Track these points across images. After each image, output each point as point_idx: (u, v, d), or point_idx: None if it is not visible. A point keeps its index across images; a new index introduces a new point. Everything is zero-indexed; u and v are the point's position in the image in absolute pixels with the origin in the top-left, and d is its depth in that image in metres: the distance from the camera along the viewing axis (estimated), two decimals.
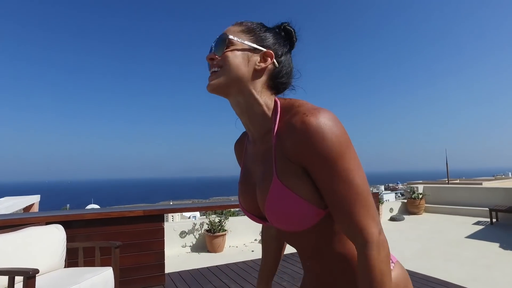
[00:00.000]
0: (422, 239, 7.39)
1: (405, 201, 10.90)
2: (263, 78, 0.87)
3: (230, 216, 8.30)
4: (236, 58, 0.84)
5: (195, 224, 7.31)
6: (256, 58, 0.86)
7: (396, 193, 17.65)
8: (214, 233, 6.85)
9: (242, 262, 4.39)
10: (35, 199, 5.65)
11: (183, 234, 7.15)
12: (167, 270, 3.79)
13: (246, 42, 0.85)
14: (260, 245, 7.20)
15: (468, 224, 8.89)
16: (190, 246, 7.16)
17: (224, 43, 0.84)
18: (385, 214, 10.15)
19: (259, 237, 7.69)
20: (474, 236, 7.55)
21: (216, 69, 0.85)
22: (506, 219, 8.84)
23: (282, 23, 0.92)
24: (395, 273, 0.92)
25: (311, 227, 0.83)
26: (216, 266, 4.23)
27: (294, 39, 0.92)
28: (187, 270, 4.01)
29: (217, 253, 6.73)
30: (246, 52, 0.85)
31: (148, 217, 3.44)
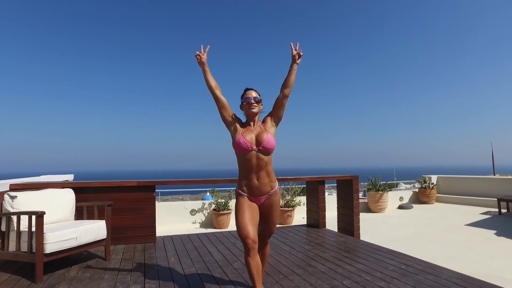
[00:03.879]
0: (419, 225, 7.65)
1: (417, 190, 11.00)
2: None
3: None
4: (261, 104, 2.56)
5: (204, 204, 8.18)
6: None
7: None
8: (219, 211, 7.67)
9: (227, 231, 5.12)
10: (69, 177, 6.81)
11: (193, 212, 8.04)
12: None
13: (261, 100, 2.55)
14: None
15: (475, 213, 8.91)
16: (199, 222, 8.04)
17: (260, 98, 2.53)
18: (394, 202, 10.36)
19: None
20: (475, 224, 7.65)
21: (256, 104, 2.49)
22: None
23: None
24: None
25: (271, 154, 2.46)
26: (204, 233, 5.00)
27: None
28: (178, 235, 4.82)
29: (222, 229, 7.55)
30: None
31: (142, 187, 4.27)
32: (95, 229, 3.34)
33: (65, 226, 3.20)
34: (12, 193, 3.31)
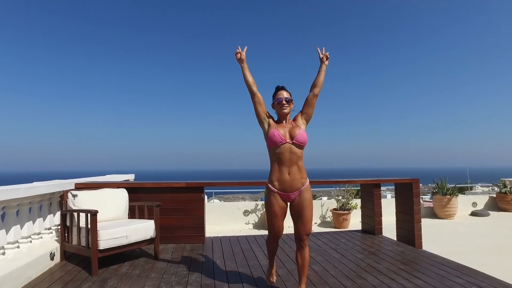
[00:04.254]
0: (496, 236, 6.72)
1: (494, 195, 9.71)
2: None
3: None
4: (292, 104, 2.64)
5: (257, 205, 8.17)
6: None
7: None
8: None
9: None
10: (130, 177, 7.32)
11: (246, 212, 8.08)
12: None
13: (292, 100, 2.63)
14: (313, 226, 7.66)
15: None
16: (252, 223, 8.05)
17: (291, 98, 2.62)
18: (465, 208, 9.27)
19: (314, 220, 8.15)
20: None
21: (287, 105, 2.59)
22: None
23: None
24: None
25: (303, 148, 2.56)
26: (253, 235, 4.95)
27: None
28: (227, 236, 4.84)
29: None
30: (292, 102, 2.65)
31: (190, 188, 4.37)
32: (144, 229, 3.48)
33: (116, 224, 3.39)
34: (74, 192, 3.59)
